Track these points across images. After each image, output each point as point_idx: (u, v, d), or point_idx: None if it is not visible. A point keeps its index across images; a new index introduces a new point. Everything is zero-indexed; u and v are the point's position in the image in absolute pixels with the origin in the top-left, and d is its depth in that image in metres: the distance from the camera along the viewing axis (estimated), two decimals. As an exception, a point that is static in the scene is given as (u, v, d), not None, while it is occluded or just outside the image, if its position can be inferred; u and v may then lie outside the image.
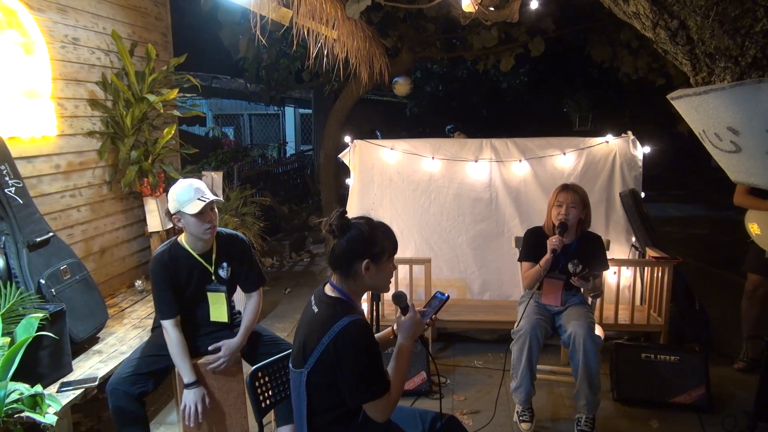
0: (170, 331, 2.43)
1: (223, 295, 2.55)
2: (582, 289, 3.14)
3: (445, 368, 3.66)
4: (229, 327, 2.62)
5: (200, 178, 4.20)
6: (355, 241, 1.75)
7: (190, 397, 2.41)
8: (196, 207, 2.37)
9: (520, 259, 3.17)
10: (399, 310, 1.88)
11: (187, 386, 2.42)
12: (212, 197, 2.44)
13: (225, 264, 2.59)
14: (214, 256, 2.56)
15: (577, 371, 2.77)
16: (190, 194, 2.40)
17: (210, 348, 2.52)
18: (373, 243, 1.76)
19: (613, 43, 6.21)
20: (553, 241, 2.88)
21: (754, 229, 3.35)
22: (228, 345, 2.52)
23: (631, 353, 3.25)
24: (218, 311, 2.58)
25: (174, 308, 2.45)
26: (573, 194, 2.96)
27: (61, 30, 3.22)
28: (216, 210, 2.49)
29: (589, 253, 3.00)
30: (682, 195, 10.92)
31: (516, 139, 4.26)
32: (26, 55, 2.90)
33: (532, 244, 3.10)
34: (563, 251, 2.97)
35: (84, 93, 3.42)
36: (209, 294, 2.56)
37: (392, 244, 1.82)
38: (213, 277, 2.56)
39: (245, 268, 2.65)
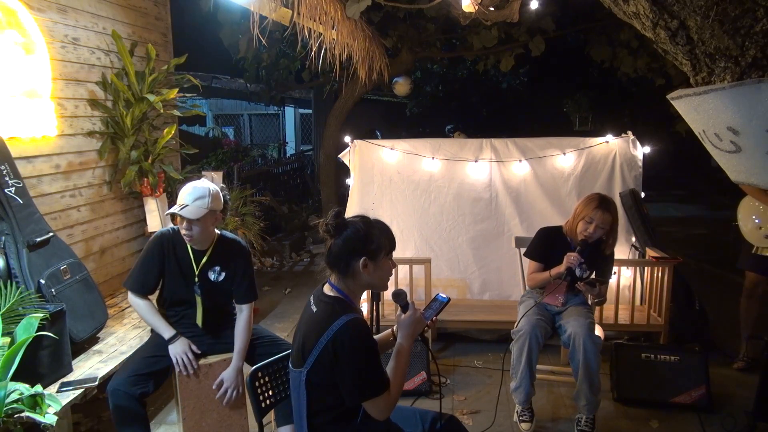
0: (134, 299, 2.52)
1: (199, 299, 2.55)
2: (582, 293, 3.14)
3: (445, 368, 3.66)
4: (212, 332, 2.61)
5: (200, 179, 4.21)
6: (352, 239, 1.75)
7: (177, 349, 2.45)
8: (171, 210, 2.45)
9: (528, 255, 3.14)
10: (399, 308, 1.89)
11: (170, 341, 2.46)
12: (183, 213, 2.38)
13: (218, 268, 2.57)
14: (205, 259, 2.55)
15: (577, 371, 2.77)
16: (181, 197, 2.44)
17: (214, 387, 2.52)
18: (370, 240, 1.76)
19: (613, 43, 6.22)
20: (570, 259, 2.80)
21: (741, 219, 3.38)
22: (227, 377, 2.52)
23: (631, 353, 3.25)
24: (197, 314, 2.58)
25: (144, 287, 2.52)
26: (608, 215, 2.84)
27: (61, 30, 3.22)
28: (196, 225, 2.43)
29: (595, 260, 2.96)
30: (682, 195, 10.93)
31: (516, 139, 4.26)
32: (26, 55, 2.90)
33: (543, 245, 3.06)
34: None
35: (84, 93, 3.42)
36: (196, 296, 2.57)
37: (389, 242, 1.82)
38: (196, 278, 2.54)
39: (239, 278, 2.61)
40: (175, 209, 2.41)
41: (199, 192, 2.44)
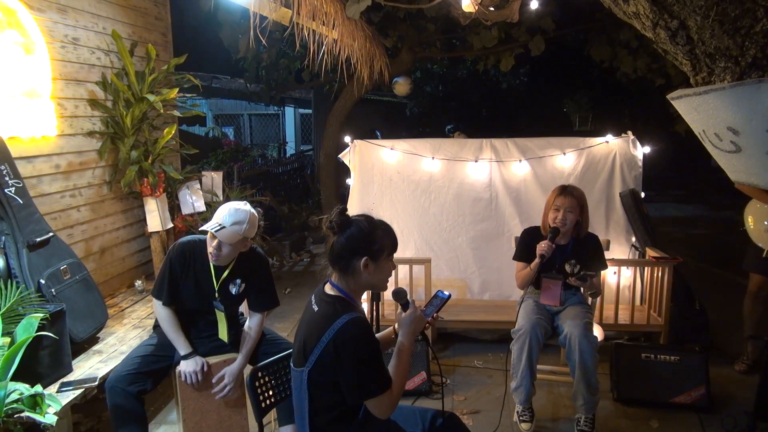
0: (159, 309, 2.50)
1: (222, 314, 2.53)
2: (582, 289, 3.15)
3: (445, 368, 3.66)
4: (232, 343, 2.59)
5: (200, 179, 4.21)
6: (355, 238, 1.76)
7: (189, 367, 2.42)
8: (207, 227, 2.39)
9: (515, 258, 3.18)
10: (399, 307, 1.89)
11: (184, 357, 2.43)
12: (219, 235, 2.33)
13: (238, 280, 2.54)
14: (226, 273, 2.50)
15: (575, 371, 2.77)
16: (221, 215, 2.38)
17: (214, 380, 2.49)
18: (373, 240, 1.77)
19: (613, 43, 6.21)
20: (542, 246, 2.87)
21: (749, 221, 3.35)
22: (230, 372, 2.50)
23: (631, 353, 3.25)
24: (221, 330, 2.57)
25: (167, 295, 2.48)
26: (570, 198, 2.95)
27: (61, 30, 3.22)
28: (226, 247, 2.38)
29: (586, 252, 3.00)
30: (682, 195, 10.92)
31: (516, 139, 4.26)
32: (26, 55, 2.90)
33: (526, 245, 3.10)
34: (560, 252, 2.98)
35: (84, 93, 3.42)
36: (216, 311, 2.55)
37: (392, 243, 1.82)
38: (216, 293, 2.51)
39: (257, 288, 2.59)
40: (211, 227, 2.34)
41: (239, 216, 2.37)
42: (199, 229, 2.46)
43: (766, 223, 3.28)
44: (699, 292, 3.95)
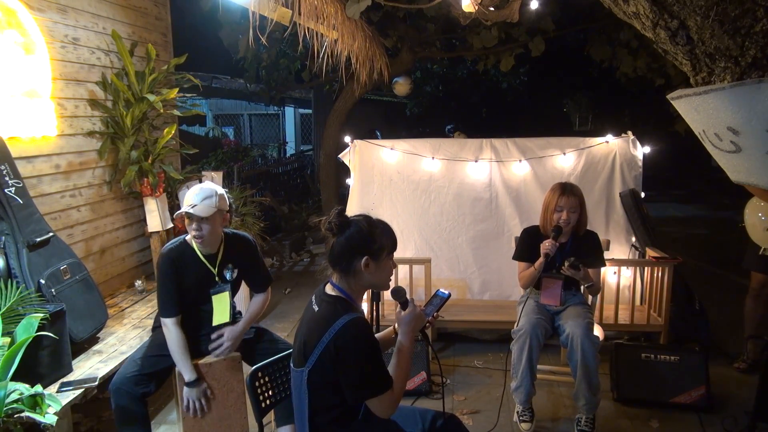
0: (171, 329, 2.44)
1: (226, 294, 2.57)
2: (582, 289, 3.14)
3: (445, 368, 3.66)
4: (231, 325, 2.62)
5: (200, 179, 4.22)
6: (354, 238, 1.76)
7: (192, 394, 2.44)
8: (181, 210, 2.47)
9: (515, 258, 3.18)
10: (398, 305, 1.89)
11: (188, 384, 2.43)
12: (194, 211, 2.38)
13: (230, 266, 2.60)
14: (219, 258, 2.56)
15: (576, 371, 2.77)
16: (189, 198, 2.45)
17: (213, 336, 2.53)
18: (372, 240, 1.77)
19: (612, 42, 6.22)
20: (546, 246, 2.88)
21: (748, 219, 3.34)
22: (231, 330, 2.54)
23: (631, 353, 3.25)
24: (221, 313, 2.58)
25: (176, 307, 2.46)
26: (573, 198, 2.94)
27: (61, 30, 3.22)
28: (205, 224, 2.43)
29: (585, 250, 3.00)
30: (682, 195, 10.92)
31: (516, 139, 4.26)
32: (26, 55, 2.90)
33: (527, 245, 3.11)
34: (559, 250, 2.98)
35: (84, 93, 3.42)
36: (213, 297, 2.56)
37: (391, 241, 1.83)
38: (216, 279, 2.57)
39: (251, 270, 2.68)
40: (185, 209, 2.42)
41: (206, 192, 2.47)
42: (174, 215, 2.51)
43: (761, 215, 3.28)
44: (699, 292, 3.95)
